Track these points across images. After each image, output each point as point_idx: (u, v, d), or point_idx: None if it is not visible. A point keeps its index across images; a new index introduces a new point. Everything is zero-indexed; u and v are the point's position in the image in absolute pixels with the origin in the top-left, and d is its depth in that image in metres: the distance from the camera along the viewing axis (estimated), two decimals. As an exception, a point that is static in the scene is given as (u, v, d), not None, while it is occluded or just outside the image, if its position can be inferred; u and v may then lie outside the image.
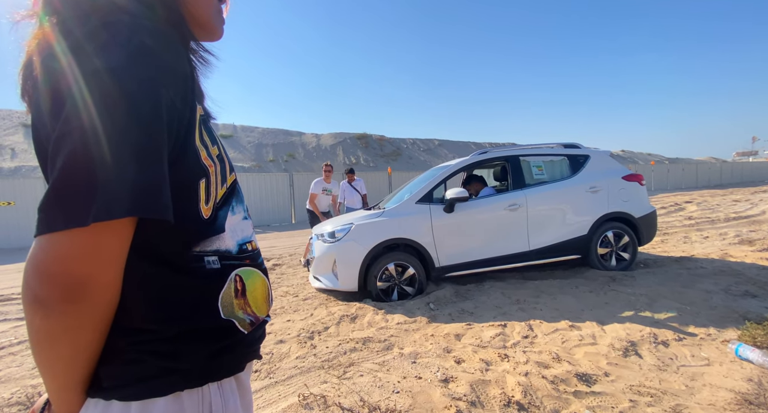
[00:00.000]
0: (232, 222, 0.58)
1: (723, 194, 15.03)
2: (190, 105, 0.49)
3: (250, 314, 0.57)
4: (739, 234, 5.68)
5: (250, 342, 0.58)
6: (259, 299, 0.60)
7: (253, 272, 0.59)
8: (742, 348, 2.05)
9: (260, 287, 0.60)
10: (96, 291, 0.42)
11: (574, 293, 3.26)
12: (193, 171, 0.50)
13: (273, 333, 2.75)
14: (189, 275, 0.51)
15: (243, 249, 0.59)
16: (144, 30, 0.45)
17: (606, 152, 4.38)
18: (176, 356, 0.49)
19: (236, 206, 0.60)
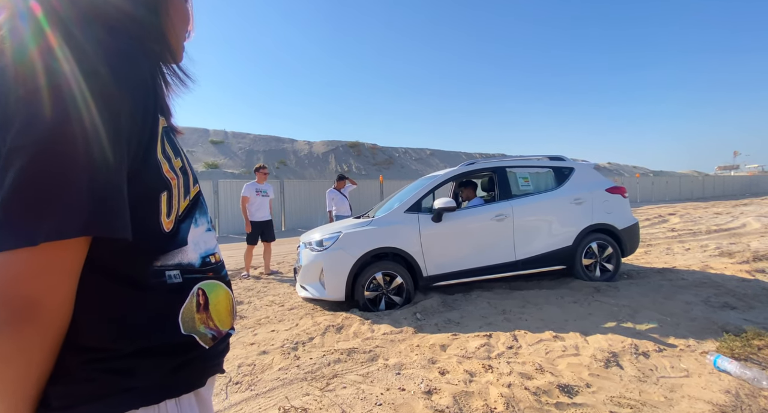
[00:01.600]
0: (195, 235, 0.57)
1: (705, 206, 15.45)
2: (151, 118, 0.49)
3: (213, 328, 0.57)
4: (719, 246, 5.83)
5: (212, 357, 0.58)
6: (222, 313, 0.59)
7: (216, 286, 0.59)
8: (720, 360, 2.09)
9: (224, 301, 0.60)
10: (47, 312, 0.40)
11: (559, 304, 3.29)
12: (155, 184, 0.50)
13: (256, 343, 2.70)
14: (148, 291, 0.50)
15: (206, 262, 0.58)
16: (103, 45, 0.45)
17: (590, 164, 4.49)
18: (132, 374, 0.48)
19: (199, 218, 0.60)
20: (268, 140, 28.54)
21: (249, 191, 5.16)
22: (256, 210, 5.19)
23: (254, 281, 4.87)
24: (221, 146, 25.99)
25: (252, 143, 27.27)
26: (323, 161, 27.14)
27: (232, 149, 25.85)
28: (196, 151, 24.37)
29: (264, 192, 5.25)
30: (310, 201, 13.46)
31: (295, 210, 13.18)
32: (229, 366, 2.34)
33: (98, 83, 0.42)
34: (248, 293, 4.29)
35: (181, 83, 0.62)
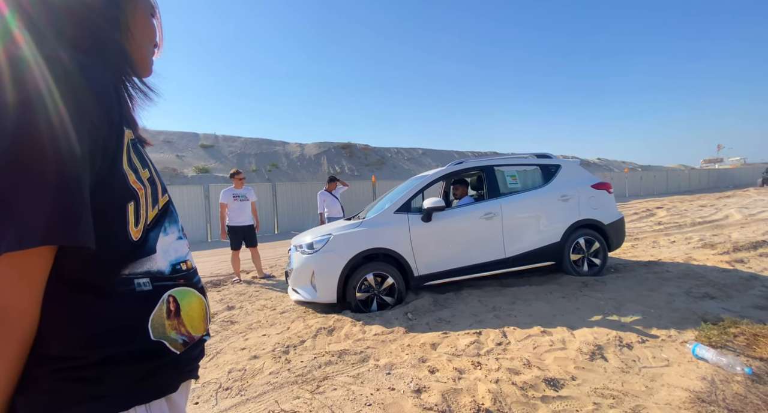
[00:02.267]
0: (164, 243, 0.59)
1: (691, 199, 15.78)
2: (116, 130, 0.51)
3: (185, 334, 0.59)
4: (702, 238, 5.98)
5: (185, 362, 0.60)
6: (195, 319, 0.61)
7: (188, 292, 0.61)
8: (698, 348, 2.16)
9: (196, 307, 0.62)
10: (11, 322, 0.41)
11: (548, 299, 3.35)
12: (121, 194, 0.52)
13: (247, 348, 2.71)
14: (116, 299, 0.51)
15: (177, 269, 0.60)
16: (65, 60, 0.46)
17: (576, 161, 4.57)
18: (100, 381, 0.49)
19: (169, 227, 0.62)
20: (260, 142, 28.36)
21: (226, 197, 5.11)
22: (236, 215, 5.12)
23: (246, 286, 4.86)
24: (211, 149, 25.76)
25: (243, 147, 27.07)
26: (315, 163, 27.06)
27: (223, 153, 25.64)
28: (186, 155, 24.12)
29: (242, 197, 5.17)
30: (302, 204, 13.42)
31: (287, 213, 13.13)
32: (219, 372, 2.35)
33: (60, 96, 0.43)
34: (240, 298, 4.28)
35: (146, 97, 0.63)
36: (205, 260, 7.77)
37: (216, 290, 4.81)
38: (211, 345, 2.87)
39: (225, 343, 2.89)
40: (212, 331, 3.23)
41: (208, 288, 4.90)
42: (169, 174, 20.02)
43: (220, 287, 4.93)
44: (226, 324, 3.39)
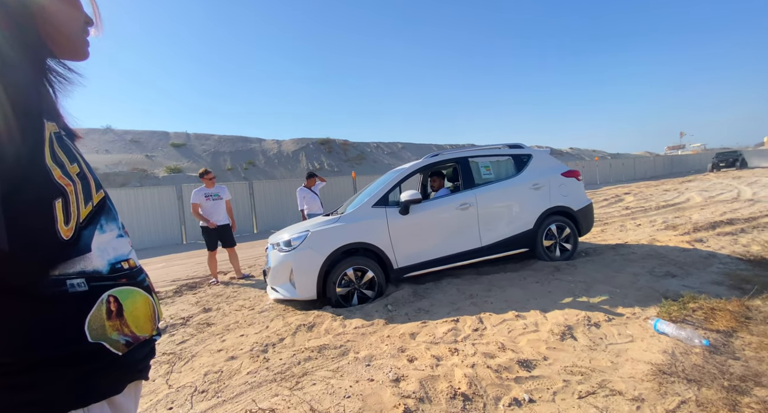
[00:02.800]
0: (101, 241, 0.57)
1: (656, 184, 16.61)
2: (33, 123, 0.48)
3: (128, 334, 0.57)
4: (666, 221, 6.32)
5: (130, 363, 0.58)
6: (140, 319, 0.59)
7: (132, 292, 0.59)
8: (659, 323, 2.30)
9: (141, 306, 0.60)
10: None
11: (522, 285, 3.46)
12: (46, 191, 0.49)
13: (224, 350, 2.65)
14: (47, 301, 0.49)
15: (116, 269, 0.58)
16: None
17: (546, 150, 4.70)
18: (32, 387, 0.47)
19: (106, 225, 0.59)
20: (234, 140, 27.57)
21: (197, 197, 4.95)
22: (210, 215, 4.97)
23: (224, 287, 4.75)
24: (183, 148, 24.84)
25: (217, 145, 26.24)
26: (293, 160, 26.62)
27: (196, 152, 24.77)
28: (156, 155, 23.15)
29: (215, 196, 5.02)
30: (281, 201, 13.20)
31: (266, 211, 12.89)
32: (194, 376, 2.29)
33: None
34: (217, 300, 4.18)
35: (68, 82, 0.59)
36: (180, 262, 7.54)
37: (192, 293, 4.68)
38: (186, 349, 2.80)
39: (201, 346, 2.83)
40: (188, 334, 3.14)
41: (184, 291, 4.77)
42: (138, 175, 19.19)
43: (196, 290, 4.80)
44: (202, 326, 3.31)
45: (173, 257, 8.41)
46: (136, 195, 11.06)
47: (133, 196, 11.01)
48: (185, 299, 4.37)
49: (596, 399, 1.69)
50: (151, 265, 7.58)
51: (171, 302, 4.31)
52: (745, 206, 7.07)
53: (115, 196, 10.75)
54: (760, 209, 6.58)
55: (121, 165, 20.48)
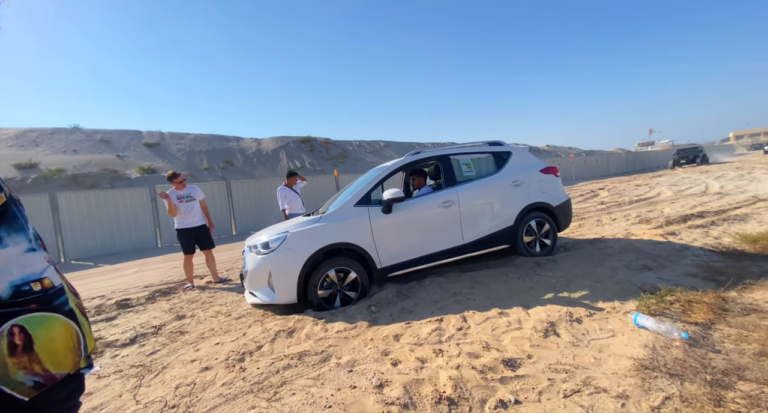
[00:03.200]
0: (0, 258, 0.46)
1: (629, 180, 17.24)
2: None
3: (39, 373, 0.46)
4: (639, 215, 6.52)
5: (43, 409, 0.47)
6: (58, 352, 0.49)
7: (46, 319, 0.48)
8: (639, 317, 2.32)
9: (60, 336, 0.49)
10: None
11: (504, 281, 3.46)
12: None
13: (198, 360, 2.51)
14: None
15: (22, 292, 0.47)
16: None
17: (525, 147, 4.73)
18: None
19: (8, 237, 0.48)
20: (211, 139, 26.75)
21: (170, 198, 4.74)
22: (184, 218, 4.77)
23: (199, 292, 4.55)
24: (157, 148, 23.89)
25: (193, 144, 25.39)
26: (273, 159, 26.08)
27: (170, 151, 23.88)
28: (128, 155, 22.17)
29: (187, 197, 4.83)
30: (260, 202, 12.87)
31: (244, 212, 12.54)
32: (165, 389, 2.15)
33: None
34: (191, 306, 3.99)
35: None
36: (155, 266, 7.20)
37: (166, 299, 4.46)
38: (156, 360, 2.63)
39: (173, 356, 2.66)
40: (159, 344, 2.96)
41: (157, 297, 4.53)
42: (109, 176, 18.29)
43: (170, 296, 4.57)
44: (175, 335, 3.13)
45: (147, 262, 8.04)
46: (106, 197, 10.52)
47: (103, 198, 10.46)
48: (158, 306, 4.15)
49: (581, 397, 1.68)
50: (123, 270, 7.21)
51: (143, 310, 4.08)
52: (714, 200, 7.40)
53: (84, 198, 10.18)
54: (729, 201, 6.90)
55: (91, 166, 19.48)
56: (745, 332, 2.10)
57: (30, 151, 20.30)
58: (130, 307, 4.23)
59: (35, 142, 21.56)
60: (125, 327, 3.50)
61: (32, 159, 18.66)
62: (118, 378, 2.43)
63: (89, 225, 10.13)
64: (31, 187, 15.86)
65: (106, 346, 3.05)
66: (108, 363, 2.72)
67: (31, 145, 21.20)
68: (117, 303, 4.35)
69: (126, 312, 4.08)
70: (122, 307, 4.24)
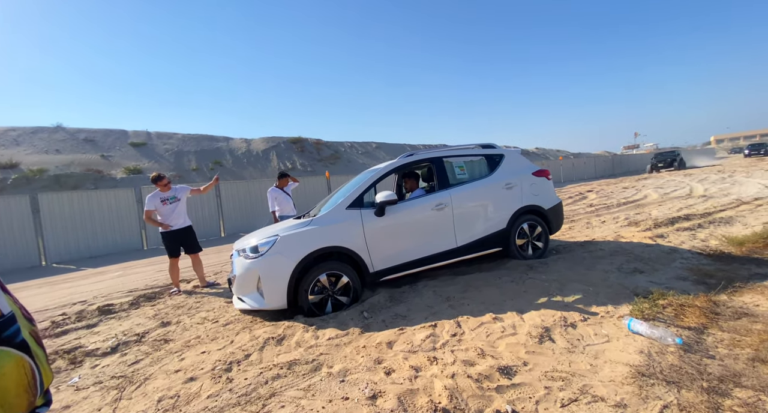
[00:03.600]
0: None
1: (615, 182, 17.54)
2: None
3: None
4: (628, 217, 6.60)
5: None
6: (10, 392, 0.41)
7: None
8: (633, 323, 2.31)
9: (12, 372, 0.42)
10: None
11: (498, 285, 3.43)
12: None
13: (182, 370, 2.40)
14: None
15: None
16: None
17: (517, 150, 4.74)
18: None
19: None
20: (199, 139, 26.29)
21: (152, 202, 4.61)
22: (168, 220, 4.64)
23: (186, 297, 4.41)
24: (144, 148, 23.37)
25: (180, 143, 24.91)
26: (264, 159, 25.77)
27: (158, 151, 23.38)
28: (113, 155, 21.61)
29: (172, 199, 4.70)
30: (250, 203, 12.68)
31: (234, 214, 12.32)
32: (146, 402, 2.04)
33: None
34: (177, 312, 3.86)
35: None
36: (140, 270, 7.00)
37: (150, 304, 4.31)
38: (138, 371, 2.52)
39: (156, 366, 2.55)
40: (142, 353, 2.84)
41: (142, 303, 4.38)
42: (93, 177, 17.79)
43: (155, 301, 4.42)
44: (158, 343, 3.01)
45: (132, 265, 7.81)
46: (89, 198, 10.20)
47: (86, 199, 10.14)
48: (142, 312, 4.00)
49: (579, 406, 1.64)
50: (107, 274, 6.98)
51: (126, 316, 3.93)
52: (699, 202, 7.55)
53: (66, 199, 9.86)
54: (714, 204, 7.04)
55: (74, 166, 18.92)
56: (738, 336, 2.10)
57: (10, 150, 19.63)
58: (113, 313, 4.08)
59: (16, 141, 20.85)
60: (107, 335, 3.36)
61: (13, 159, 18.04)
62: (97, 390, 2.31)
63: (72, 227, 9.81)
64: (12, 187, 15.31)
65: (86, 355, 2.92)
66: (87, 373, 2.59)
67: (12, 144, 20.50)
68: (99, 309, 4.18)
69: (108, 318, 3.92)
70: (104, 313, 4.08)
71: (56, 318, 4.04)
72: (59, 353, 2.98)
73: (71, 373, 2.63)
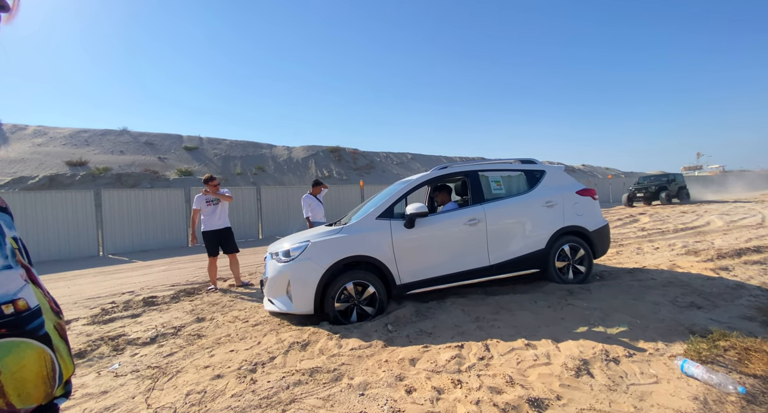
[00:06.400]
0: None
1: (672, 205, 16.09)
2: None
3: (2, 407, 0.41)
4: (686, 245, 6.00)
5: None
6: (27, 382, 0.44)
7: (17, 346, 0.43)
8: (687, 364, 2.06)
9: (31, 365, 0.44)
10: None
11: (533, 309, 3.24)
12: None
13: (211, 366, 2.49)
14: None
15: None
16: None
17: (561, 167, 4.51)
18: None
19: None
20: (246, 145, 27.91)
21: (199, 202, 4.97)
22: (210, 220, 4.97)
23: (221, 295, 4.61)
24: (195, 152, 25.21)
25: (228, 149, 26.59)
26: (303, 167, 26.76)
27: (207, 156, 25.11)
28: (168, 158, 23.52)
29: (215, 201, 5.02)
30: (287, 208, 13.15)
31: (272, 218, 12.83)
32: (176, 395, 2.13)
33: None
34: (212, 309, 4.04)
35: None
36: (183, 266, 7.45)
37: (189, 299, 4.55)
38: (172, 363, 2.65)
39: (188, 360, 2.67)
40: (177, 346, 2.99)
41: (181, 297, 4.64)
42: (149, 177, 19.44)
43: (193, 297, 4.67)
44: (192, 338, 3.16)
45: (176, 261, 8.35)
46: (144, 196, 11.12)
47: (142, 197, 11.07)
48: (181, 307, 4.24)
49: (619, 454, 1.48)
50: (153, 267, 7.51)
51: (166, 309, 4.18)
52: (771, 233, 6.71)
53: (125, 196, 10.82)
54: (788, 236, 6.22)
55: (134, 166, 20.82)
56: (820, 393, 1.80)
57: (81, 149, 22.03)
58: (155, 305, 4.35)
59: (87, 141, 23.38)
60: (148, 326, 3.58)
61: (82, 157, 20.23)
62: (134, 378, 2.45)
63: (128, 222, 10.72)
64: (80, 183, 17.13)
65: (128, 343, 3.12)
66: (127, 361, 2.76)
67: (83, 144, 23.01)
68: (144, 300, 4.49)
69: (151, 309, 4.19)
70: (148, 304, 4.37)
71: (106, 305, 4.40)
72: (104, 339, 3.22)
73: (113, 359, 2.82)
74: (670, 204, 16.25)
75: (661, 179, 17.40)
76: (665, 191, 16.47)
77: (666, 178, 17.47)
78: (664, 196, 16.35)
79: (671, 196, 16.63)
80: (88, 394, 2.25)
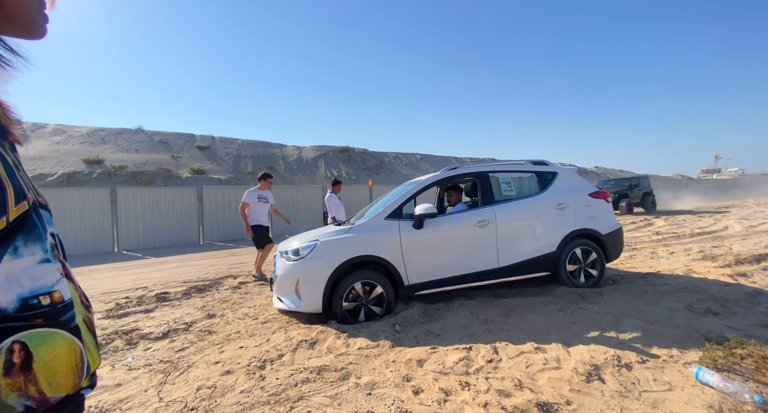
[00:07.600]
0: (11, 269, 0.43)
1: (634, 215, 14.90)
2: None
3: (33, 395, 0.43)
4: (702, 250, 5.85)
5: None
6: (58, 372, 0.45)
7: (50, 336, 0.45)
8: (702, 372, 2.01)
9: (63, 355, 0.46)
10: None
11: (543, 312, 3.20)
12: None
13: (221, 362, 2.53)
14: None
15: (29, 305, 0.44)
16: None
17: (573, 169, 4.44)
18: None
19: (24, 247, 0.45)
20: (257, 145, 28.24)
21: (251, 196, 5.30)
22: (258, 215, 5.34)
23: (231, 292, 4.68)
24: (208, 151, 25.62)
25: (240, 148, 26.94)
26: (313, 166, 26.94)
27: (219, 155, 25.48)
28: (181, 156, 23.95)
29: (265, 199, 5.42)
30: (296, 207, 13.27)
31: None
32: (187, 389, 2.17)
33: None
34: (222, 306, 4.10)
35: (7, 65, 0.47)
36: (195, 263, 7.58)
37: (200, 296, 4.63)
38: (183, 358, 2.70)
39: (199, 356, 2.72)
40: (188, 341, 3.05)
41: (193, 294, 4.72)
42: (163, 175, 19.83)
43: (204, 293, 4.75)
44: (203, 334, 3.21)
45: (188, 258, 8.49)
46: (158, 194, 11.35)
47: (156, 195, 11.30)
48: (192, 303, 4.31)
49: (630, 461, 1.45)
50: (166, 264, 7.66)
51: (178, 305, 4.26)
52: (792, 238, 6.49)
53: (139, 194, 11.06)
54: (811, 242, 6.01)
55: (148, 164, 21.26)
56: (844, 405, 1.73)
57: (98, 148, 22.61)
58: (168, 301, 4.44)
59: (103, 140, 23.98)
60: (160, 321, 3.66)
61: (99, 155, 20.76)
62: (146, 372, 2.50)
63: (142, 218, 10.96)
64: (96, 181, 17.58)
65: (141, 338, 3.19)
66: (140, 355, 2.83)
67: (100, 142, 23.60)
68: (156, 296, 4.58)
69: (163, 305, 4.28)
70: (160, 300, 4.46)
71: (120, 300, 4.50)
72: (118, 333, 3.30)
73: (126, 353, 2.89)
74: (632, 215, 13.71)
75: (622, 185, 14.60)
76: (626, 200, 13.83)
77: (628, 183, 14.54)
78: (624, 205, 13.75)
79: (633, 205, 14.11)
80: (103, 386, 2.31)
